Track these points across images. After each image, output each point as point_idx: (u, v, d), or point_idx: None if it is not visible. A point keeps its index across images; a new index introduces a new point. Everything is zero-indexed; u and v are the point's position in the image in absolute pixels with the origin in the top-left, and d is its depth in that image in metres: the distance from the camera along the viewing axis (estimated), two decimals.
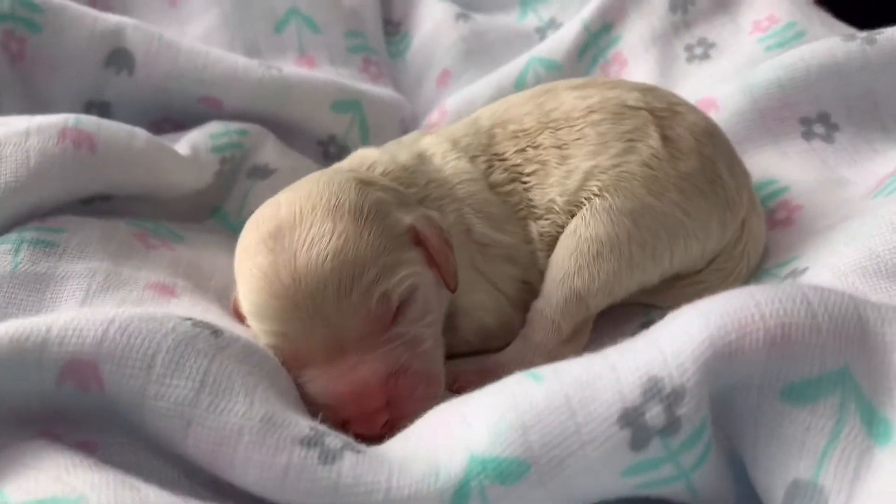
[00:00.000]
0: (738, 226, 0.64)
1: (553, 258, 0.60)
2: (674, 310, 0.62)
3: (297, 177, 0.76)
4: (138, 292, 0.55)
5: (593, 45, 0.93)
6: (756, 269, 0.66)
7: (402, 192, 0.59)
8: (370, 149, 0.66)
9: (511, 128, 0.64)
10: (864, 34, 0.74)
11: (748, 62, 0.84)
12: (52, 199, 0.59)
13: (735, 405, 0.40)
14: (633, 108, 0.63)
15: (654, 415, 0.38)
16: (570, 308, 0.59)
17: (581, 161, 0.61)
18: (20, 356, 0.39)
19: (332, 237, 0.49)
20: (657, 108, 0.63)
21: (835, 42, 0.74)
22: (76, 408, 0.40)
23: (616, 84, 0.66)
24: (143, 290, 0.55)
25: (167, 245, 0.64)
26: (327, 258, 0.49)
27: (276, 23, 0.97)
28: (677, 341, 0.39)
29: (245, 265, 0.52)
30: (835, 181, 0.72)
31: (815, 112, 0.75)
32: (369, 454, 0.41)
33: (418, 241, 0.54)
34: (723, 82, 0.81)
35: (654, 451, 0.38)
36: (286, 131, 0.84)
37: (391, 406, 0.49)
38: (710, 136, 0.63)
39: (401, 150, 0.64)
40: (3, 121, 0.62)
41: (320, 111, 0.85)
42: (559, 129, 0.63)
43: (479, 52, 1.03)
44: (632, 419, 0.38)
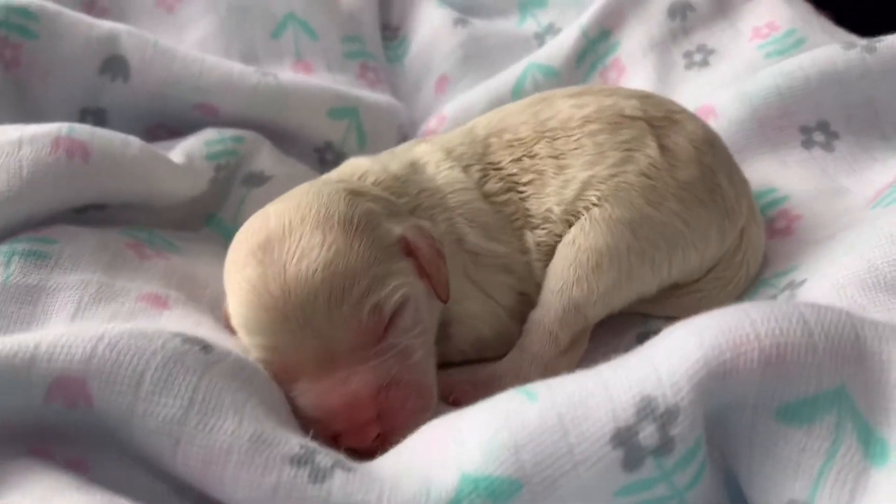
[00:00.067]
0: (736, 235, 0.63)
1: (551, 268, 0.60)
2: (672, 318, 0.63)
3: (293, 184, 0.76)
4: (130, 304, 0.54)
5: (592, 52, 0.93)
6: (755, 279, 0.65)
7: (394, 201, 0.58)
8: (362, 158, 0.65)
9: (507, 137, 0.64)
10: (864, 42, 0.74)
11: (747, 69, 0.83)
12: (45, 209, 0.59)
13: (730, 424, 0.40)
14: (631, 118, 0.62)
15: (648, 434, 0.37)
16: (568, 319, 0.58)
17: (578, 171, 0.60)
18: (8, 373, 0.39)
19: (321, 249, 0.49)
20: (655, 117, 0.63)
21: (834, 50, 0.74)
22: (65, 424, 0.40)
23: (612, 92, 0.66)
24: (135, 302, 0.55)
25: (161, 255, 0.63)
26: (317, 270, 0.48)
27: (273, 28, 0.96)
28: (672, 359, 0.39)
29: (234, 277, 0.51)
30: (834, 190, 0.71)
31: (814, 120, 0.75)
32: (360, 472, 0.40)
33: (409, 252, 0.54)
34: (722, 90, 0.80)
35: (647, 472, 0.38)
36: (282, 138, 0.83)
37: (382, 419, 0.48)
38: (709, 145, 0.63)
39: (393, 160, 0.64)
40: None
41: (316, 118, 0.85)
42: (556, 139, 0.62)
43: (477, 58, 1.02)
44: (625, 439, 0.37)
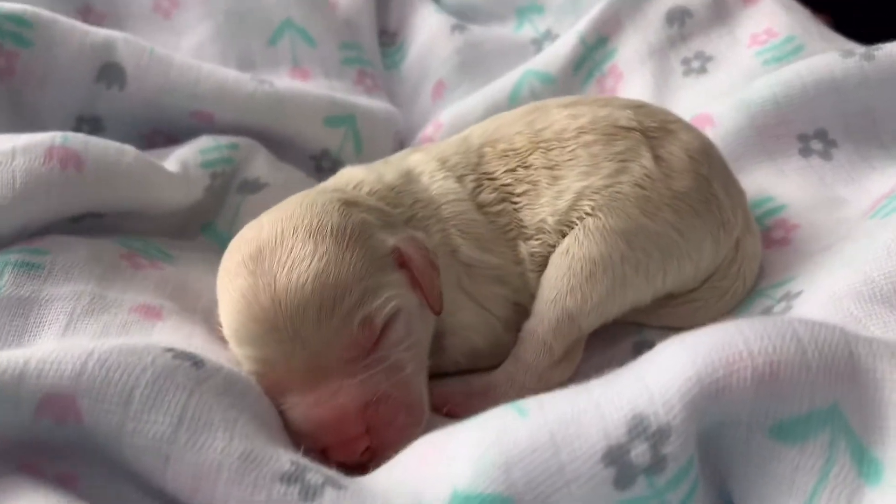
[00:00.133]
0: (732, 245, 0.63)
1: (545, 278, 0.60)
2: (668, 328, 0.63)
3: (289, 191, 0.76)
4: (123, 315, 0.54)
5: (589, 59, 0.93)
6: (751, 289, 0.65)
7: (388, 212, 0.58)
8: (356, 167, 0.65)
9: (501, 147, 0.64)
10: (863, 50, 0.74)
11: (745, 76, 0.83)
12: (39, 219, 0.59)
13: (724, 441, 0.40)
14: (625, 129, 0.62)
15: (640, 453, 0.37)
16: (562, 328, 0.58)
17: (573, 182, 0.60)
18: None
19: (313, 259, 0.49)
20: (650, 128, 0.62)
21: (832, 58, 0.74)
22: (55, 441, 0.40)
23: (607, 102, 0.65)
24: (128, 314, 0.54)
25: (156, 265, 0.63)
26: (307, 280, 0.48)
27: (270, 35, 0.96)
28: (664, 377, 0.39)
29: (225, 287, 0.51)
30: (832, 200, 0.71)
31: (812, 129, 0.74)
32: (351, 489, 0.40)
33: (402, 263, 0.54)
34: (719, 98, 0.80)
35: (639, 490, 0.37)
36: (278, 145, 0.83)
37: (371, 434, 0.48)
38: (704, 155, 0.63)
39: (388, 169, 0.63)
40: None
41: (313, 125, 0.85)
42: (551, 150, 0.62)
43: (474, 64, 1.02)
44: (616, 457, 0.37)
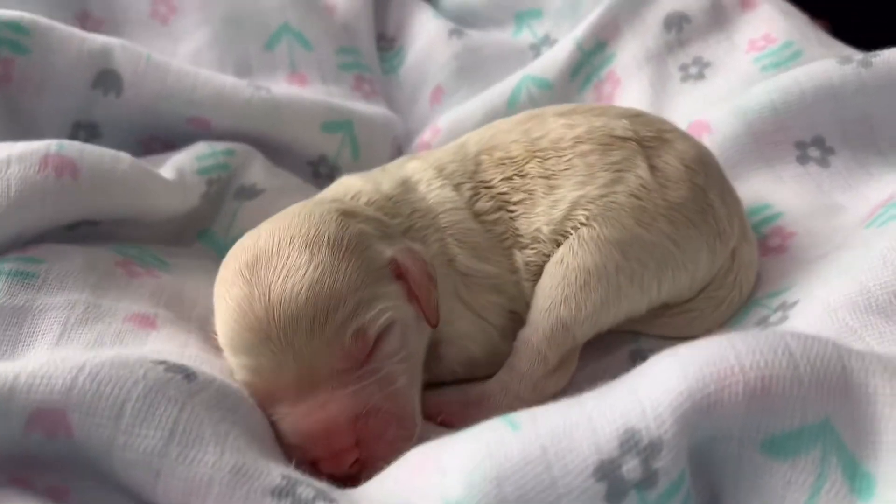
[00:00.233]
0: (728, 255, 0.63)
1: (539, 287, 0.59)
2: (664, 337, 0.63)
3: (286, 197, 0.76)
4: (117, 325, 0.54)
5: (587, 64, 0.92)
6: (748, 298, 0.65)
7: (386, 222, 0.58)
8: (353, 177, 0.65)
9: (498, 155, 0.64)
10: (861, 56, 0.73)
11: (743, 82, 0.83)
12: (34, 227, 0.59)
13: (715, 456, 0.39)
14: (621, 139, 0.62)
15: (631, 468, 0.37)
16: (556, 337, 0.58)
17: (568, 191, 0.60)
18: None
19: (308, 269, 0.49)
20: (645, 137, 0.62)
21: (830, 64, 0.73)
22: (46, 454, 0.40)
23: (603, 111, 0.65)
24: (122, 323, 0.54)
25: (151, 273, 0.63)
26: (301, 290, 0.48)
27: (267, 40, 0.96)
28: (655, 391, 0.39)
29: (221, 296, 0.51)
30: (829, 207, 0.71)
31: (809, 136, 0.74)
32: (342, 503, 0.40)
33: (400, 275, 0.54)
34: (717, 104, 0.80)
35: None
36: (276, 151, 0.83)
37: (361, 446, 0.48)
38: (701, 164, 0.63)
39: (385, 178, 0.63)
40: None
41: (310, 132, 0.85)
42: (547, 159, 0.62)
43: (472, 69, 1.02)
44: (608, 472, 0.37)
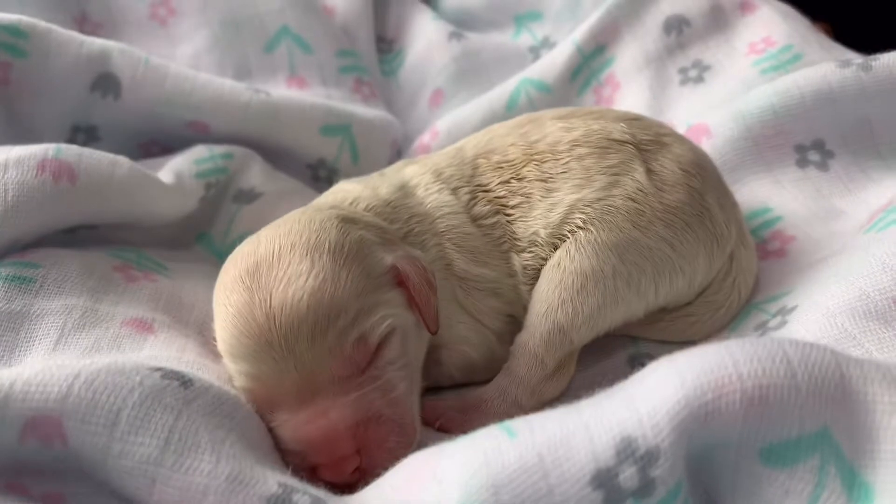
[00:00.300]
0: (726, 259, 0.63)
1: (536, 291, 0.59)
2: (663, 342, 0.63)
3: (285, 200, 0.76)
4: (115, 330, 0.54)
5: (586, 67, 0.92)
6: (746, 302, 0.65)
7: (386, 228, 0.58)
8: (351, 182, 0.65)
9: (495, 158, 0.64)
10: (861, 60, 0.73)
11: (742, 85, 0.83)
12: (32, 232, 0.59)
13: (713, 464, 0.39)
14: (619, 142, 0.62)
15: (628, 476, 0.37)
16: (553, 341, 0.58)
17: (566, 194, 0.60)
18: None
19: (309, 276, 0.48)
20: (643, 141, 0.62)
21: (829, 68, 0.73)
22: (41, 461, 0.40)
23: (601, 115, 0.65)
24: (120, 328, 0.54)
25: (149, 277, 0.63)
26: (303, 298, 0.48)
27: (266, 43, 0.96)
28: (653, 400, 0.38)
29: (221, 302, 0.51)
30: (828, 211, 0.71)
31: (809, 139, 0.74)
32: None
33: (400, 282, 0.53)
34: (716, 108, 0.79)
35: None
36: (275, 155, 0.83)
37: (362, 454, 0.48)
38: (698, 168, 0.62)
39: (383, 183, 0.63)
40: None
41: (309, 135, 0.85)
42: (544, 162, 0.62)
43: (472, 72, 1.02)
44: (605, 480, 0.37)
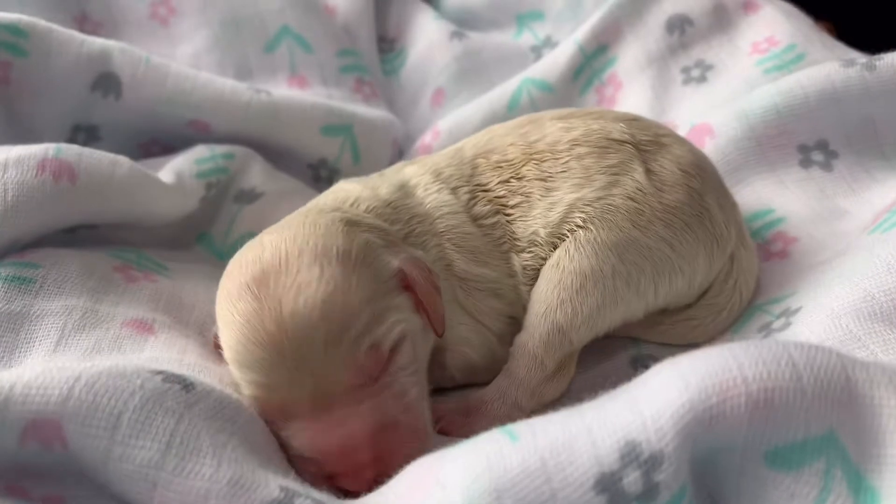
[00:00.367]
0: (726, 260, 0.63)
1: (535, 291, 0.59)
2: (666, 345, 0.63)
3: (286, 200, 0.76)
4: (115, 330, 0.54)
5: (588, 67, 0.92)
6: (749, 304, 0.64)
7: (388, 229, 0.57)
8: (351, 182, 0.64)
9: (494, 158, 0.63)
10: (864, 60, 0.73)
11: (745, 85, 0.82)
12: (31, 232, 0.59)
13: (718, 468, 0.39)
14: (618, 142, 0.61)
15: (632, 481, 0.37)
16: (552, 342, 0.57)
17: (565, 194, 0.60)
18: None
19: (319, 283, 0.47)
20: (642, 141, 0.62)
21: (833, 68, 0.73)
22: (42, 464, 0.40)
23: (600, 115, 0.65)
24: (120, 328, 0.54)
25: (149, 277, 0.63)
26: (315, 306, 0.46)
27: (266, 42, 0.96)
28: (656, 403, 0.38)
29: (227, 311, 0.49)
30: (832, 212, 0.70)
31: (813, 139, 0.74)
32: None
33: (406, 286, 0.53)
34: (719, 108, 0.79)
35: None
36: (276, 155, 0.83)
37: (378, 461, 0.47)
38: (697, 169, 0.62)
39: (382, 183, 0.63)
40: None
41: (310, 135, 0.84)
42: (544, 161, 0.62)
43: (473, 71, 1.02)
44: (608, 485, 0.37)
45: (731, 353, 0.39)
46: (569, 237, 0.58)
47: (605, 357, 0.64)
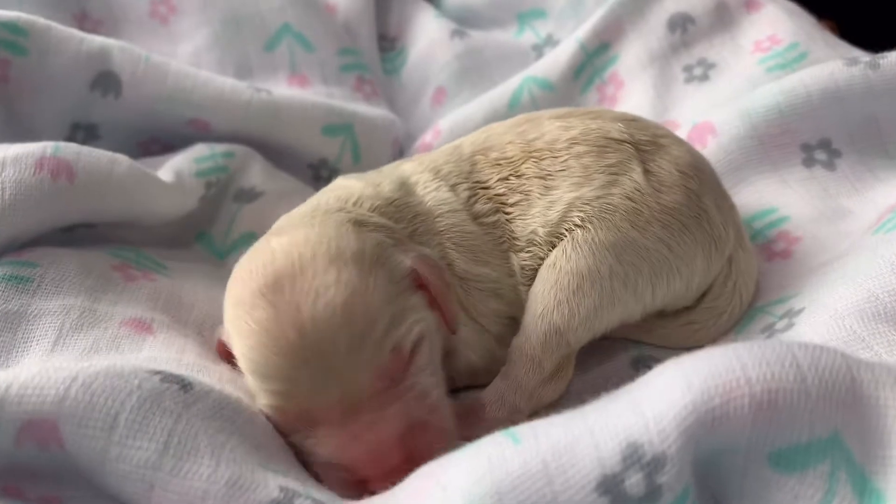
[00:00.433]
0: (724, 262, 0.62)
1: (533, 291, 0.58)
2: (666, 348, 0.62)
3: (286, 200, 0.75)
4: (114, 330, 0.53)
5: (589, 65, 0.92)
6: (749, 306, 0.64)
7: (394, 228, 0.57)
8: (350, 178, 0.64)
9: (493, 155, 0.63)
10: (868, 58, 0.72)
11: (748, 84, 0.82)
12: (29, 230, 0.58)
13: (721, 470, 0.39)
14: (617, 141, 0.61)
15: (634, 483, 0.36)
16: (549, 343, 0.56)
17: (564, 192, 0.59)
18: None
19: (337, 287, 0.46)
20: (641, 141, 0.61)
21: (836, 66, 0.72)
22: (38, 465, 0.40)
23: (598, 114, 0.64)
24: (118, 328, 0.54)
25: (148, 276, 0.62)
26: (336, 310, 0.45)
27: (267, 41, 0.95)
28: (659, 404, 0.38)
29: (241, 320, 0.48)
30: (835, 211, 0.70)
31: (816, 138, 0.73)
32: None
33: (420, 284, 0.52)
34: (721, 106, 0.79)
35: None
36: (276, 154, 0.83)
37: (410, 463, 0.45)
38: (695, 170, 0.62)
39: (383, 181, 0.62)
40: None
41: (310, 134, 0.84)
42: (543, 159, 0.61)
43: (474, 70, 1.01)
44: (610, 487, 0.36)
45: (734, 353, 0.39)
46: (566, 236, 0.58)
47: (606, 358, 0.63)
